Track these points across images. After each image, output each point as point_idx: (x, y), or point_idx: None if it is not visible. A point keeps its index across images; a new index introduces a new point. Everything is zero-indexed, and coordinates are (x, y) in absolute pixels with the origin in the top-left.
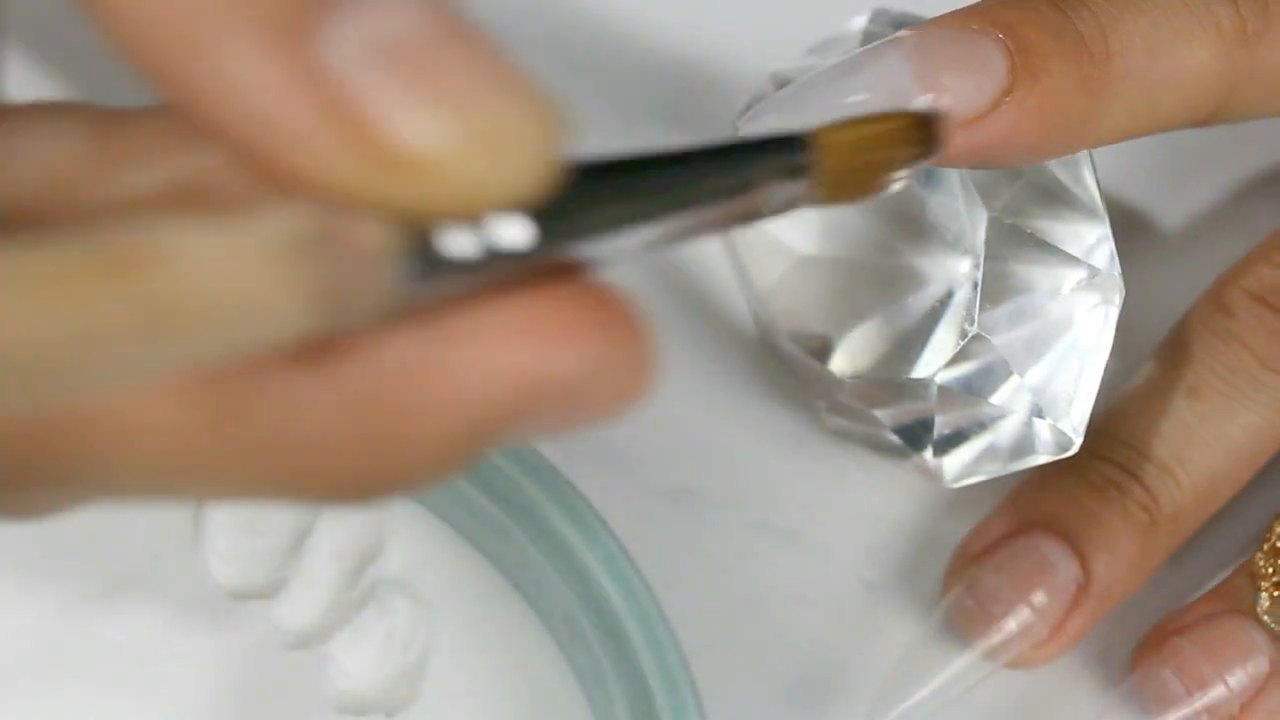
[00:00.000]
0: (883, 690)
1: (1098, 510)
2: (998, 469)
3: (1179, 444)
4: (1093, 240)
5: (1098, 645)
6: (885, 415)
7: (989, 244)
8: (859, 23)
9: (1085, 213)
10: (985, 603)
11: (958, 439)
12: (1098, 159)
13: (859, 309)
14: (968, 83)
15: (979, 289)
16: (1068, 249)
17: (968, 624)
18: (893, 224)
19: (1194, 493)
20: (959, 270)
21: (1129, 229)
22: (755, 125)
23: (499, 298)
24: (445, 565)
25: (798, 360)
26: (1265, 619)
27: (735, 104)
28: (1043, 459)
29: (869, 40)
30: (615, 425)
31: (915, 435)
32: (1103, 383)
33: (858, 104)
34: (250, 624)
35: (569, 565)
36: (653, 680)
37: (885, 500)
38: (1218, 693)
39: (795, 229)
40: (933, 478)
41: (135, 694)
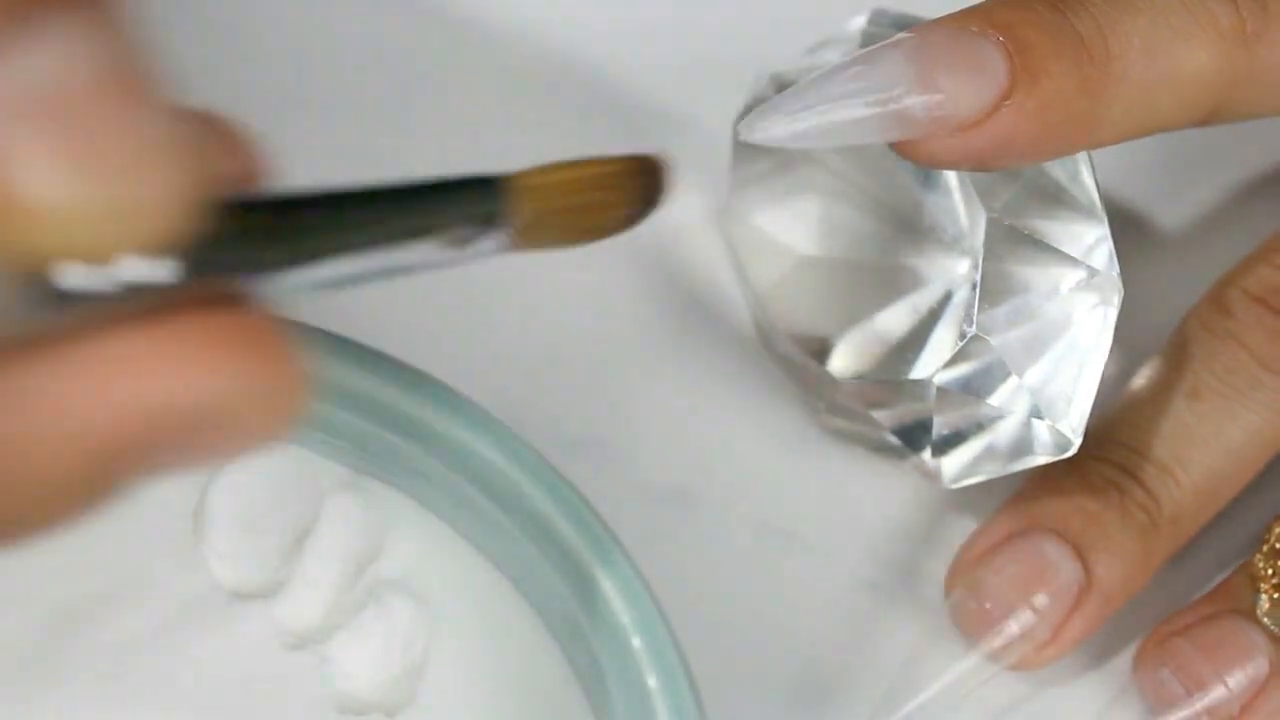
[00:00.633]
0: (885, 693)
1: (1099, 512)
2: (997, 470)
3: (1179, 445)
4: (1091, 240)
5: (1099, 646)
6: (884, 416)
7: (987, 244)
8: (858, 23)
9: (1084, 213)
10: (987, 604)
11: (956, 440)
12: (1097, 159)
13: (858, 310)
14: (967, 84)
15: (977, 290)
16: (1066, 249)
17: (970, 626)
18: (891, 225)
19: (1194, 494)
20: (958, 271)
21: (1129, 229)
22: (757, 129)
23: (136, 326)
24: (445, 565)
25: (797, 361)
26: (1265, 620)
27: (735, 104)
28: (1042, 460)
29: (868, 41)
30: (616, 426)
31: (914, 436)
32: (1102, 383)
33: (858, 106)
34: (250, 624)
35: (569, 565)
36: (653, 680)
37: (886, 500)
38: (1217, 694)
39: (795, 229)
40: (932, 478)
41: (135, 694)
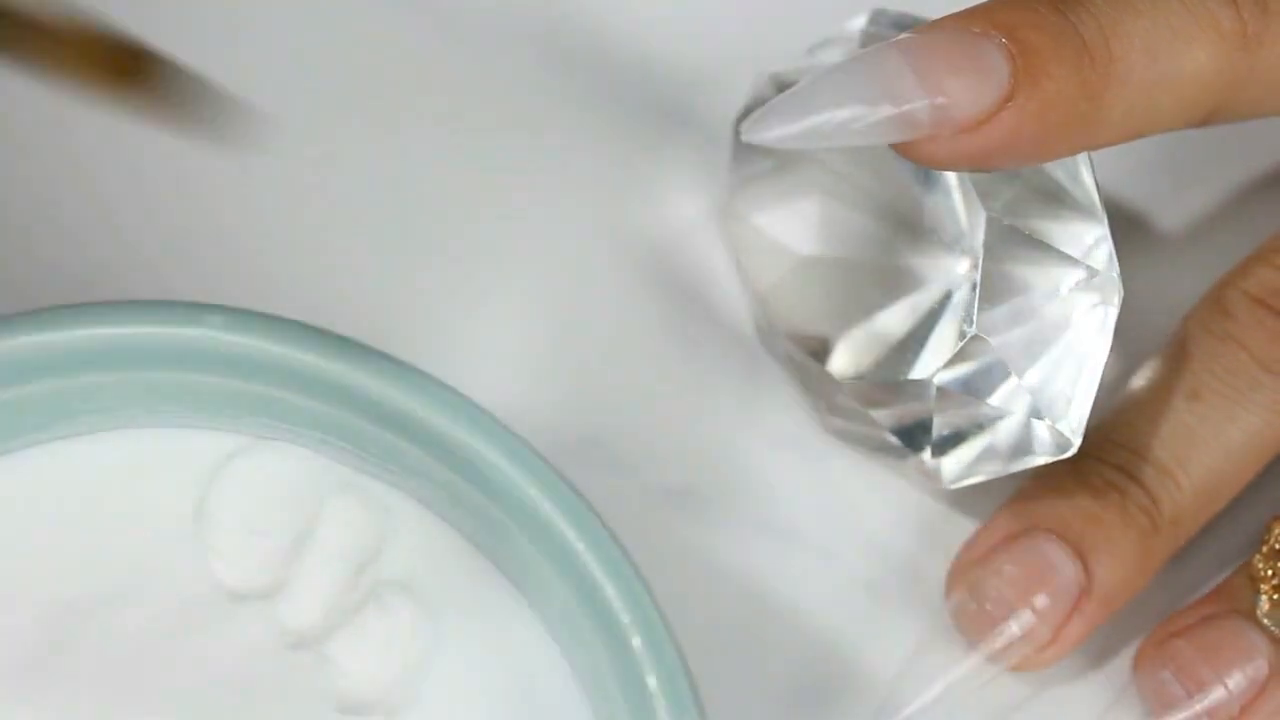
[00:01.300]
0: (887, 695)
1: (1098, 513)
2: (996, 470)
3: (1179, 446)
4: (1091, 241)
5: (1099, 647)
6: (884, 416)
7: (987, 244)
8: (858, 23)
9: (1084, 213)
10: (987, 606)
11: (956, 440)
12: (1097, 160)
13: (858, 310)
14: (969, 86)
15: (977, 290)
16: (1066, 250)
17: (970, 627)
18: (891, 225)
19: (1194, 495)
20: (957, 271)
21: (1129, 229)
22: (757, 131)
23: None
24: (445, 565)
25: (797, 361)
26: (1265, 621)
27: (735, 104)
28: (1041, 460)
29: (868, 41)
30: (616, 426)
31: (914, 436)
32: (1102, 384)
33: (860, 109)
34: (250, 624)
35: (569, 565)
36: (652, 680)
37: (885, 500)
38: (1217, 695)
39: (795, 229)
40: (931, 479)
41: (135, 694)
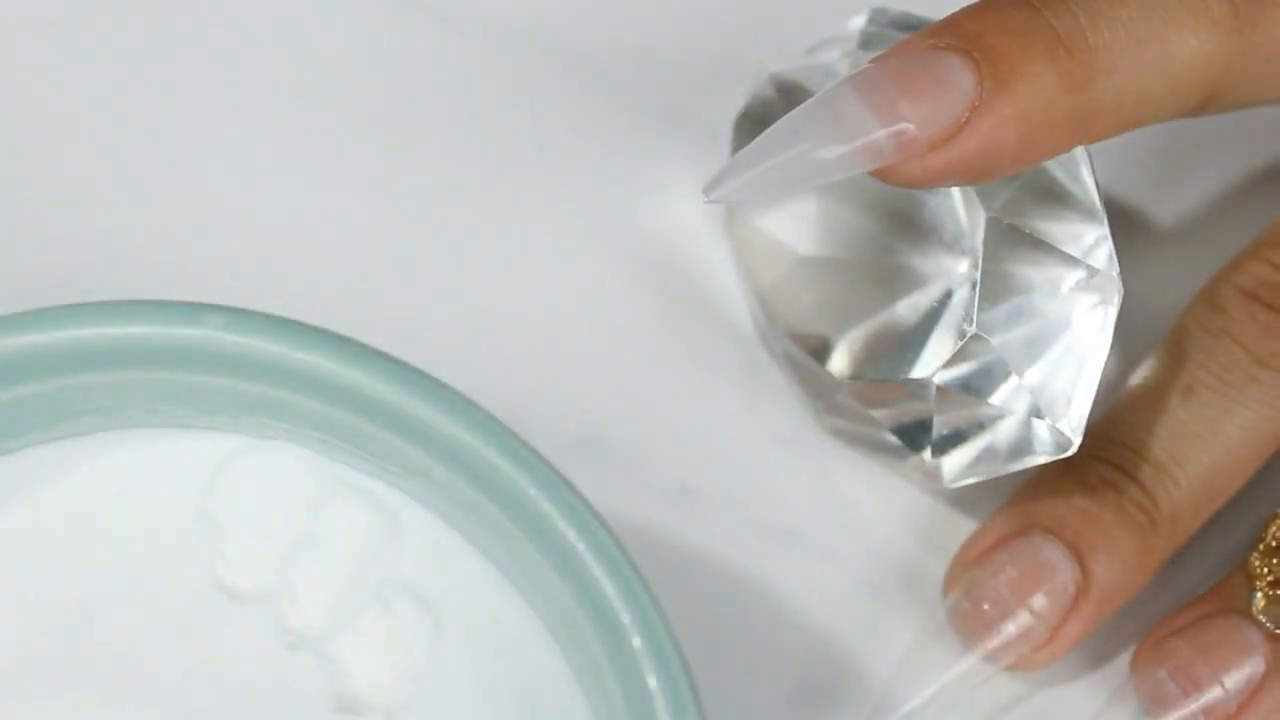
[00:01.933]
0: (883, 694)
1: (1096, 511)
2: (996, 469)
3: (1175, 443)
4: (1091, 240)
5: (1097, 647)
6: (884, 416)
7: (987, 244)
8: (858, 22)
9: (1083, 212)
10: (985, 605)
11: (956, 439)
12: (1096, 159)
13: (858, 310)
14: (929, 104)
15: (977, 289)
16: (1066, 249)
17: (968, 627)
18: (891, 224)
19: (1192, 492)
20: (957, 270)
21: (1128, 228)
22: (720, 190)
23: None
24: (445, 565)
25: (797, 360)
26: (1261, 618)
27: (735, 103)
28: (1042, 459)
29: (868, 40)
30: (616, 426)
31: (914, 436)
32: (1102, 383)
33: (822, 151)
34: (250, 624)
35: (569, 565)
36: (653, 680)
37: (885, 500)
38: (1214, 694)
39: (795, 229)
40: (931, 478)
41: (135, 694)
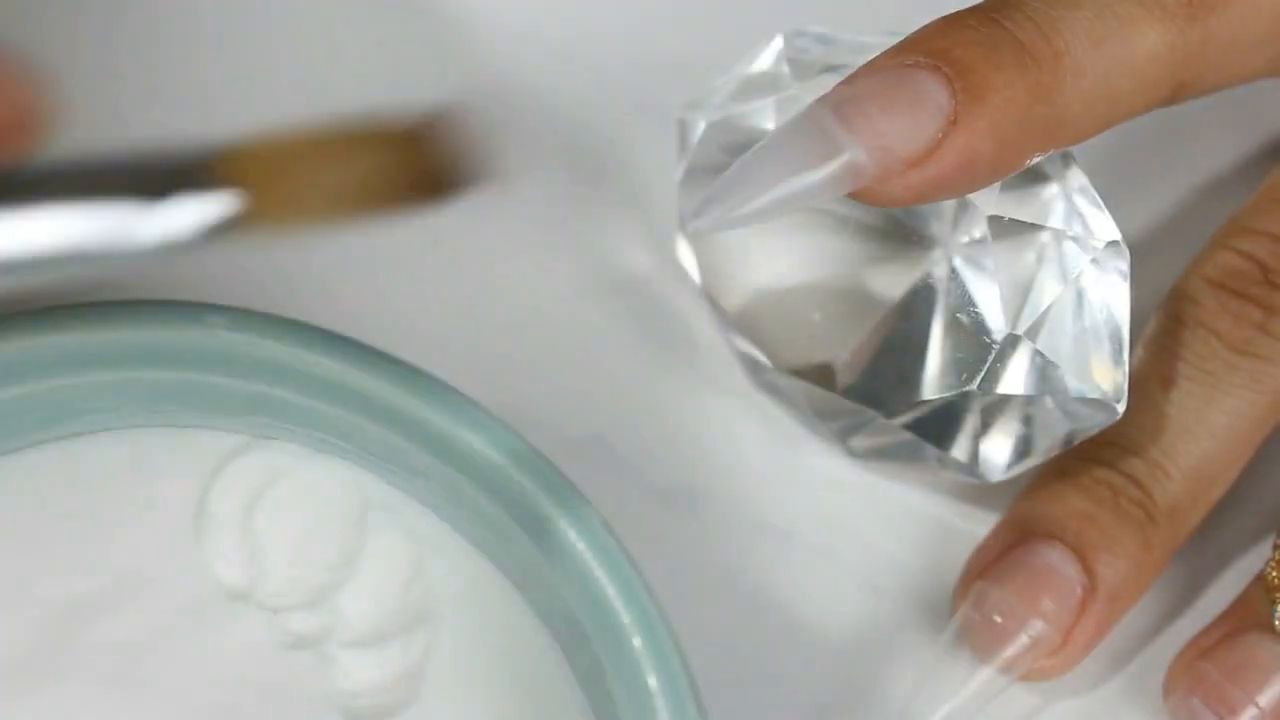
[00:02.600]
0: (900, 713)
1: (1093, 512)
2: (1045, 454)
3: (1162, 436)
4: (1086, 212)
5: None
6: (912, 423)
7: (984, 242)
8: (771, 52)
9: (1070, 189)
10: (994, 616)
11: (998, 433)
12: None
13: (858, 326)
14: (905, 120)
15: (976, 289)
16: (1061, 227)
17: (980, 640)
18: (858, 234)
19: (1186, 483)
20: (935, 261)
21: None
22: (702, 222)
23: None
24: (445, 565)
25: (801, 395)
26: None
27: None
28: (1092, 431)
29: (799, 70)
30: (616, 426)
31: (949, 437)
32: (1132, 339)
33: (802, 175)
34: (251, 624)
35: (569, 565)
36: (653, 680)
37: (886, 500)
38: (1250, 715)
39: (762, 264)
40: (976, 475)
41: (135, 694)
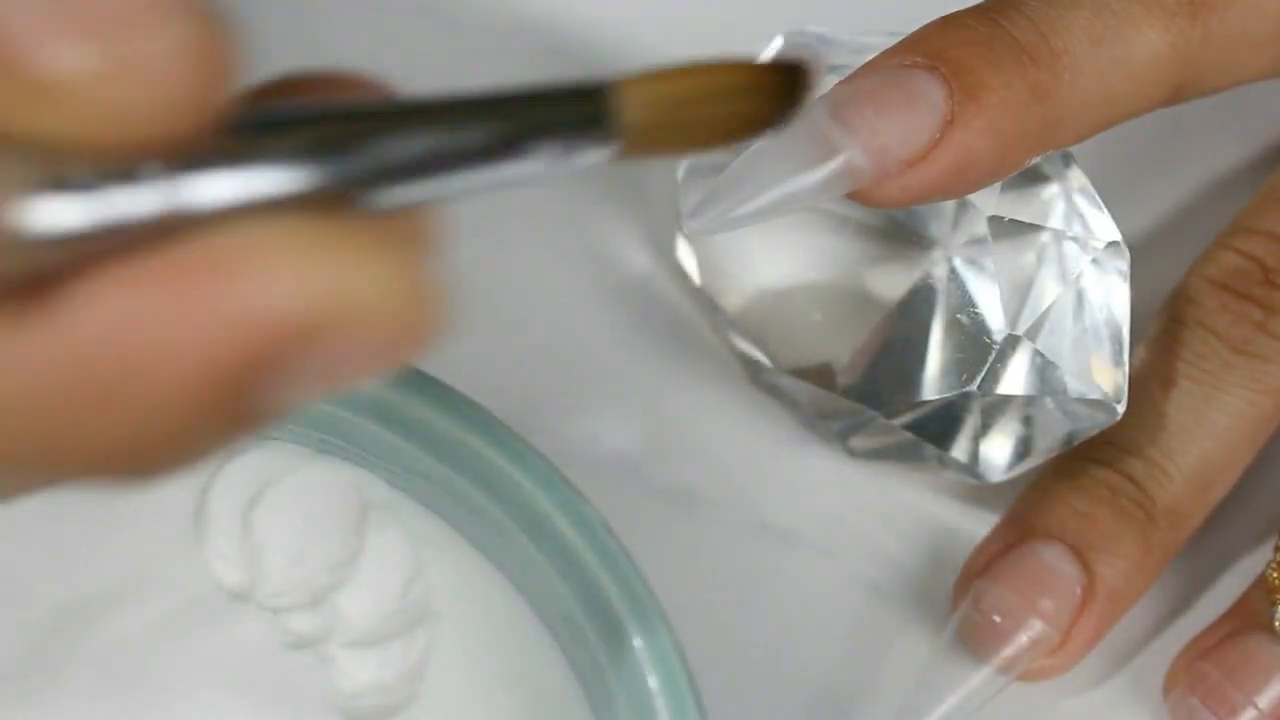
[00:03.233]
0: (899, 711)
1: (1092, 512)
2: (1044, 454)
3: (1162, 436)
4: (1085, 212)
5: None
6: (913, 423)
7: (982, 242)
8: (776, 44)
9: (1071, 188)
10: (993, 615)
11: (997, 433)
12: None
13: (855, 328)
14: (904, 123)
15: (974, 289)
16: (1051, 222)
17: (979, 639)
18: (857, 234)
19: (1186, 483)
20: (937, 268)
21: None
22: (700, 222)
23: (240, 229)
24: (445, 565)
25: (801, 395)
26: None
27: None
28: (1092, 432)
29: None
30: (616, 426)
31: (949, 438)
32: (1132, 340)
33: (800, 177)
34: (251, 624)
35: (569, 565)
36: (653, 680)
37: (886, 500)
38: (1249, 716)
39: (762, 264)
40: (976, 476)
41: (135, 694)
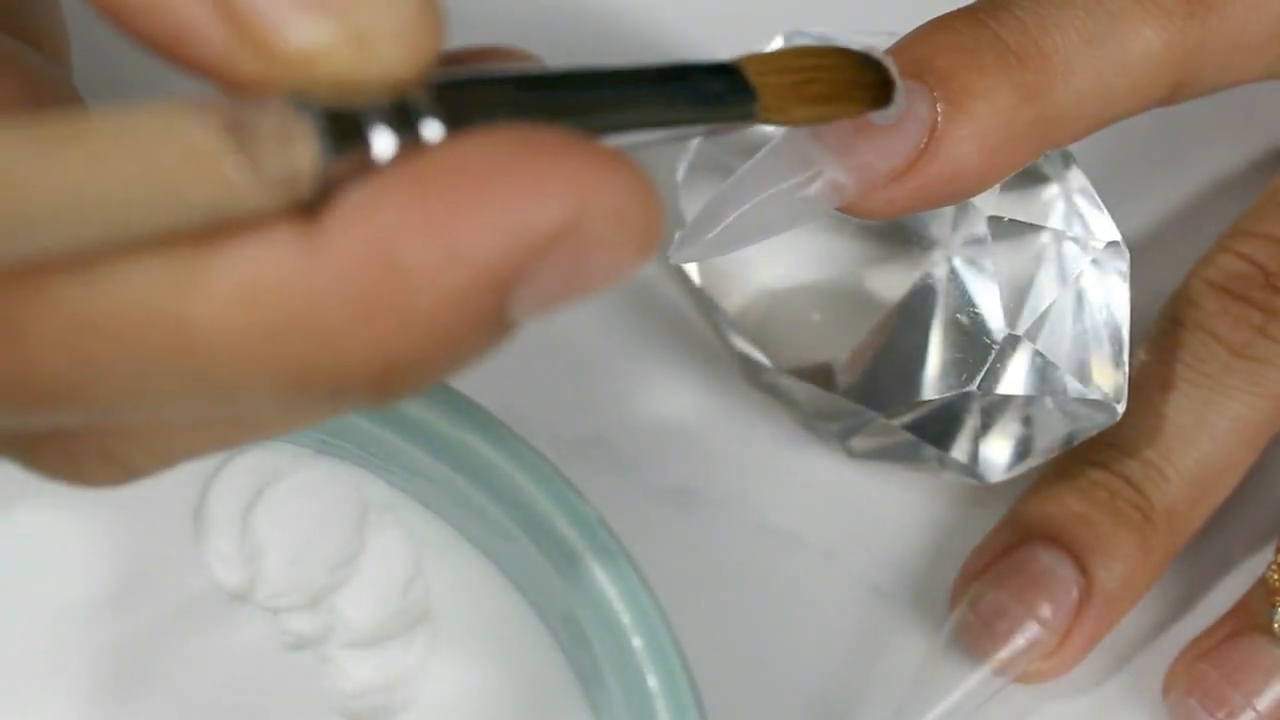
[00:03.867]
0: (895, 713)
1: (1090, 514)
2: (1044, 455)
3: (1161, 439)
4: (1084, 212)
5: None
6: (912, 424)
7: (983, 242)
8: (775, 44)
9: (1070, 188)
10: (990, 618)
11: (997, 434)
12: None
13: (854, 329)
14: (883, 139)
15: (973, 289)
16: (1051, 222)
17: (975, 641)
18: (857, 234)
19: (1184, 486)
20: (937, 268)
21: (1128, 226)
22: (685, 252)
23: (463, 154)
24: (445, 565)
25: (799, 395)
26: None
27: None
28: (1092, 432)
29: None
30: (616, 426)
31: (949, 438)
32: (1132, 340)
33: (783, 198)
34: (250, 624)
35: (569, 565)
36: (653, 680)
37: (886, 499)
38: (1248, 718)
39: (762, 264)
40: (976, 476)
41: (135, 694)
